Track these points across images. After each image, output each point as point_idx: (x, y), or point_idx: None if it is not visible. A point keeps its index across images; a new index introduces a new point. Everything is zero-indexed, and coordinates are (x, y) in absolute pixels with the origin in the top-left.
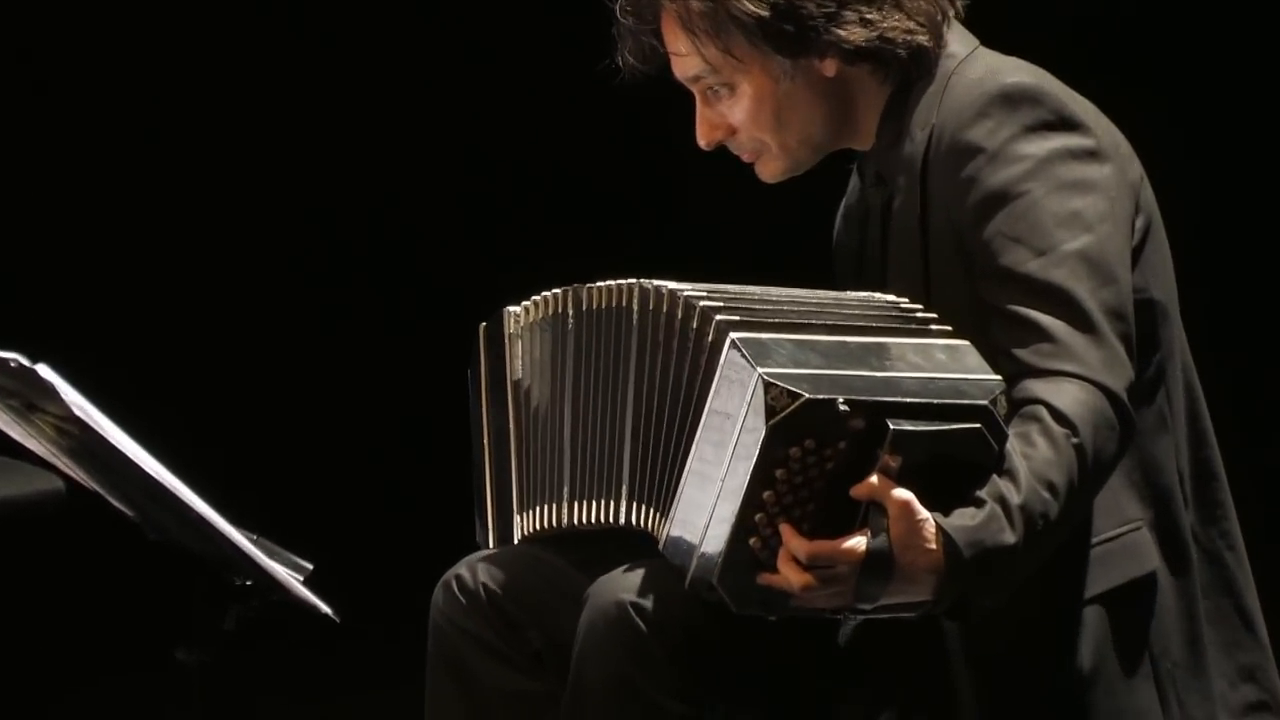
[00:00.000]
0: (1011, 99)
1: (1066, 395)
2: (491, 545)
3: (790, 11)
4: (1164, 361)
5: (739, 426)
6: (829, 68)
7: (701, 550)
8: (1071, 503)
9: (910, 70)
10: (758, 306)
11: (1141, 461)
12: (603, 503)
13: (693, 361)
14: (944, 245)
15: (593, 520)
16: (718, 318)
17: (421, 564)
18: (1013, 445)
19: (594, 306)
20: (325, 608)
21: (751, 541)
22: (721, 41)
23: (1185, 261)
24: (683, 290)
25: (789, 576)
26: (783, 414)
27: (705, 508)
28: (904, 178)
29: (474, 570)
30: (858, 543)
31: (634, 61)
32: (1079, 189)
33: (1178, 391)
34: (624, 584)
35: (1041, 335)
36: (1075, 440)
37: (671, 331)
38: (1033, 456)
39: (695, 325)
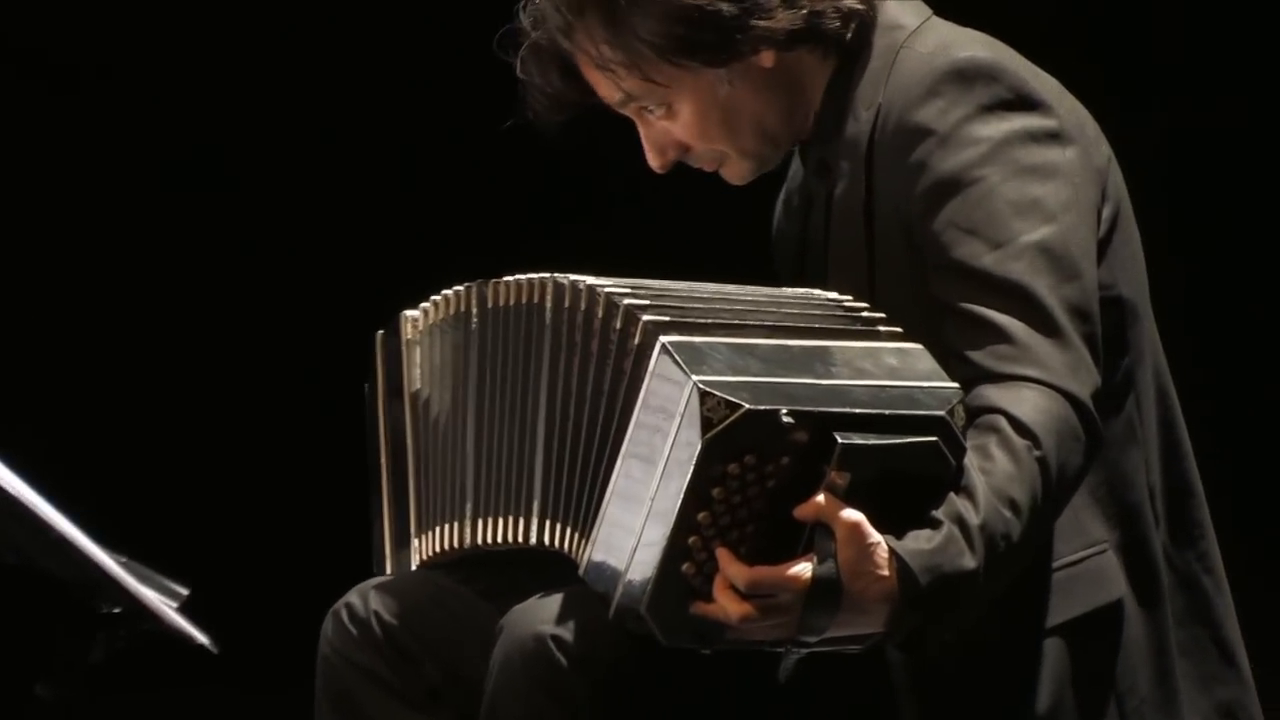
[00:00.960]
0: (965, 75)
1: (1027, 403)
2: (388, 572)
3: (705, 19)
4: (1133, 366)
5: (671, 440)
6: (766, 59)
7: (628, 577)
8: (1035, 522)
9: (850, 41)
10: (688, 305)
11: (1108, 477)
12: (511, 520)
13: (616, 366)
14: (891, 236)
15: (500, 539)
16: (645, 318)
17: (311, 590)
18: (970, 459)
19: (501, 304)
20: (202, 637)
21: (684, 567)
22: (641, 72)
23: (1157, 254)
24: (603, 286)
25: (726, 606)
26: (720, 427)
27: (632, 529)
28: (847, 162)
29: (366, 598)
30: (802, 569)
31: (546, 113)
32: (1039, 175)
33: (1149, 399)
34: (542, 614)
35: (998, 336)
36: (1038, 453)
37: (590, 332)
38: (992, 472)
39: (619, 326)
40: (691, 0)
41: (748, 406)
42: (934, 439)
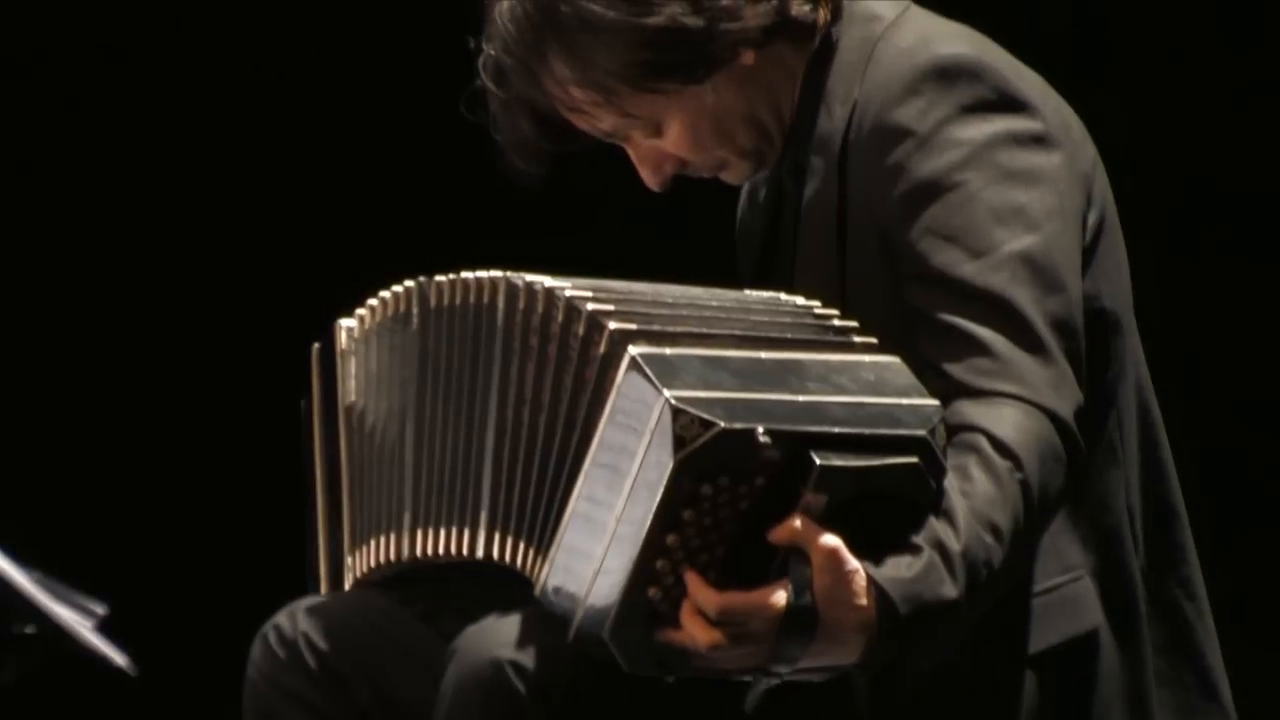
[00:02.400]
0: (947, 74)
1: (1007, 421)
2: (321, 591)
3: (672, 39)
4: (1115, 381)
5: (639, 458)
6: (747, 59)
7: (590, 600)
8: (1016, 548)
9: (823, 28)
10: (653, 311)
11: (1086, 499)
12: (455, 531)
13: (576, 375)
14: (864, 241)
15: (442, 551)
16: (611, 325)
17: (239, 610)
18: (949, 481)
19: (445, 304)
20: (120, 659)
21: (651, 592)
22: (617, 108)
23: (1141, 262)
24: (563, 289)
25: (694, 633)
26: (694, 446)
27: (595, 550)
28: (820, 161)
29: (295, 619)
30: (777, 596)
31: (528, 167)
32: (1023, 180)
33: (1130, 416)
34: (498, 637)
35: (978, 349)
36: (1019, 475)
37: (548, 336)
38: (972, 494)
39: (581, 332)
40: (653, 22)
41: (723, 425)
42: (915, 460)
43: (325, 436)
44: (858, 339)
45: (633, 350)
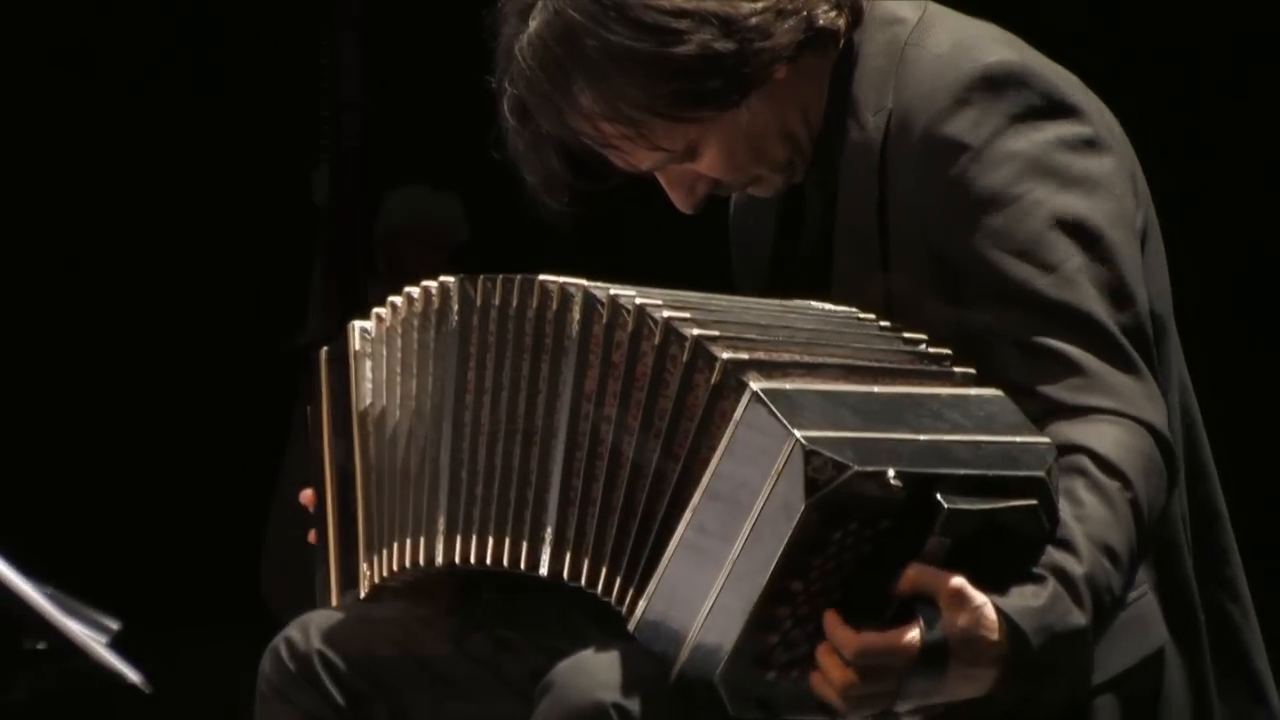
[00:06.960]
0: (994, 82)
1: (1108, 438)
2: (332, 603)
3: (705, 67)
4: (1164, 385)
5: (763, 498)
6: (779, 72)
7: (699, 639)
8: (1132, 571)
9: (845, 32)
10: (754, 336)
11: None
12: (508, 541)
13: (677, 402)
14: (910, 255)
15: (489, 560)
16: (724, 356)
17: (250, 624)
18: (1061, 508)
19: (496, 303)
20: (134, 675)
21: (769, 638)
22: (649, 140)
23: (1172, 259)
24: (657, 307)
25: (829, 672)
26: (828, 489)
27: (706, 587)
28: (853, 172)
29: (307, 632)
30: (912, 635)
31: (563, 204)
32: (1082, 187)
33: (1175, 419)
34: (598, 677)
35: (1068, 368)
36: (1129, 495)
37: (637, 355)
38: (1086, 518)
39: (684, 359)
40: (683, 52)
41: (856, 468)
42: (1034, 502)
43: (336, 442)
44: (956, 369)
45: (754, 386)
